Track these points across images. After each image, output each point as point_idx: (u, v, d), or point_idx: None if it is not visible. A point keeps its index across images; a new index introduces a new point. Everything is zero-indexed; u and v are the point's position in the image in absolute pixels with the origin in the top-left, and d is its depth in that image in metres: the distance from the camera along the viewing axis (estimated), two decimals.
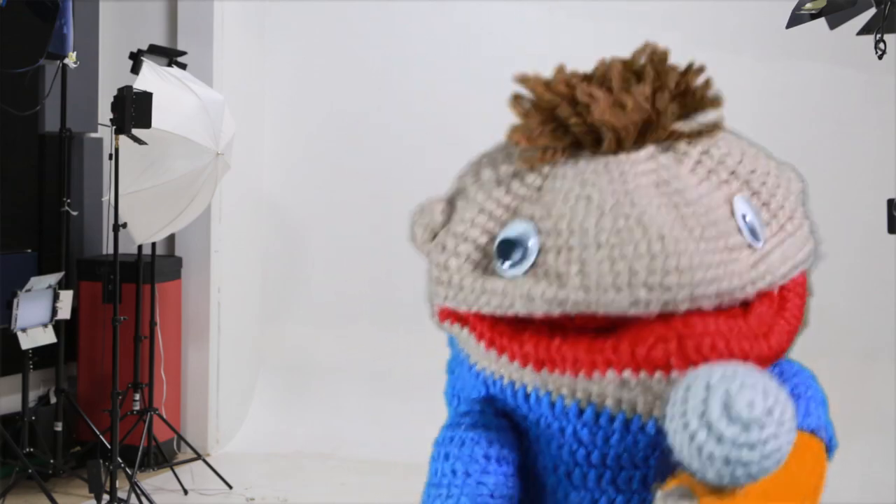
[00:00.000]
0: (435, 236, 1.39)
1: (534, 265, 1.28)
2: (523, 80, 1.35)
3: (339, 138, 6.53)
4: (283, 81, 6.62)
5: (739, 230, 1.30)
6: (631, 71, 1.33)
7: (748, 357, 1.23)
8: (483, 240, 1.34)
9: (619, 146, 1.31)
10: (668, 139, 1.34)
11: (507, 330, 1.31)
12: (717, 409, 1.12)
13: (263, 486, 5.56)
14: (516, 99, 1.36)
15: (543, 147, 1.33)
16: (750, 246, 1.29)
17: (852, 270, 5.85)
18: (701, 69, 1.35)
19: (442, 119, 6.21)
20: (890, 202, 3.74)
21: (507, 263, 1.30)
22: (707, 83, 1.35)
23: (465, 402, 1.45)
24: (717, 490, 1.16)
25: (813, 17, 3.96)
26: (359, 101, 6.47)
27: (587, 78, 1.35)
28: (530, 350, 1.28)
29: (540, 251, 1.28)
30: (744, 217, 1.31)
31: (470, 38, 6.37)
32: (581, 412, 1.31)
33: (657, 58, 1.34)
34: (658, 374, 1.22)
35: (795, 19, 4.02)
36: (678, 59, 1.42)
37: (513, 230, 1.31)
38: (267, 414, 6.52)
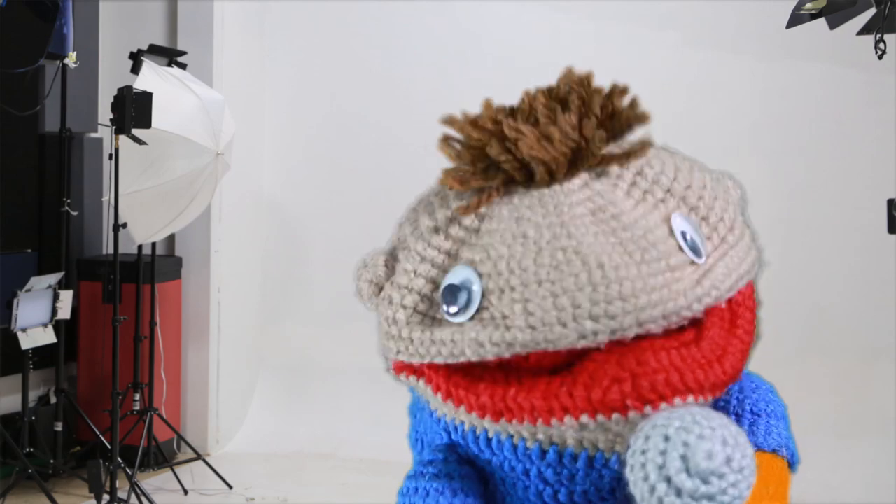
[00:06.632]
0: (381, 290, 1.38)
1: (479, 309, 1.26)
2: (450, 121, 1.33)
3: (339, 138, 6.53)
4: (283, 81, 6.62)
5: (680, 248, 1.28)
6: (556, 99, 1.32)
7: (703, 387, 1.22)
8: (427, 289, 1.33)
9: (551, 178, 1.30)
10: (600, 164, 1.32)
11: (463, 381, 1.29)
12: (676, 463, 1.12)
13: (263, 486, 5.57)
14: (445, 141, 1.34)
15: (477, 189, 1.32)
16: (692, 262, 1.28)
17: (852, 270, 5.86)
18: (624, 90, 1.32)
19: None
20: (890, 202, 3.74)
21: (454, 309, 1.29)
22: (633, 103, 1.32)
23: (428, 447, 1.45)
24: None
25: (813, 17, 3.96)
26: (359, 101, 6.47)
27: (513, 112, 1.33)
28: (487, 401, 1.27)
29: (483, 294, 1.26)
30: (683, 234, 1.30)
31: (470, 38, 6.37)
32: (544, 453, 1.31)
33: (581, 83, 1.32)
34: (616, 416, 1.20)
35: (795, 19, 4.03)
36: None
37: (455, 277, 1.30)
38: (267, 414, 6.52)
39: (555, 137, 1.28)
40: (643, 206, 1.31)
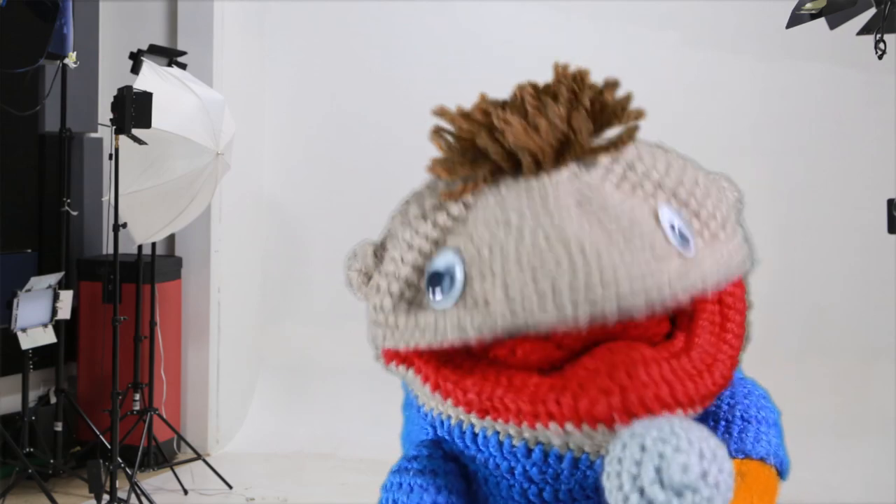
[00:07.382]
0: (370, 279, 1.39)
1: (462, 294, 1.26)
2: (442, 113, 1.35)
3: (340, 138, 6.53)
4: (283, 81, 6.62)
5: (667, 238, 1.26)
6: (547, 93, 1.32)
7: (693, 400, 1.21)
8: (414, 276, 1.33)
9: (539, 168, 1.29)
10: (589, 156, 1.32)
11: (452, 375, 1.29)
12: (650, 474, 1.11)
13: (263, 486, 5.56)
14: (437, 132, 1.35)
15: (464, 177, 1.32)
16: (680, 254, 1.26)
17: (852, 270, 5.86)
18: (615, 84, 1.32)
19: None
20: (890, 202, 3.74)
21: (438, 295, 1.29)
22: (626, 98, 1.32)
23: (413, 444, 1.45)
24: None
25: (813, 17, 3.96)
26: (359, 101, 6.47)
27: (504, 105, 1.33)
28: (473, 398, 1.27)
29: (466, 279, 1.26)
30: (672, 226, 1.28)
31: (470, 38, 6.37)
32: (529, 451, 1.30)
33: (574, 78, 1.33)
34: (601, 427, 1.20)
35: (795, 19, 4.02)
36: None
37: (439, 262, 1.30)
38: (267, 414, 6.52)
39: (542, 127, 1.28)
40: (632, 200, 1.30)
